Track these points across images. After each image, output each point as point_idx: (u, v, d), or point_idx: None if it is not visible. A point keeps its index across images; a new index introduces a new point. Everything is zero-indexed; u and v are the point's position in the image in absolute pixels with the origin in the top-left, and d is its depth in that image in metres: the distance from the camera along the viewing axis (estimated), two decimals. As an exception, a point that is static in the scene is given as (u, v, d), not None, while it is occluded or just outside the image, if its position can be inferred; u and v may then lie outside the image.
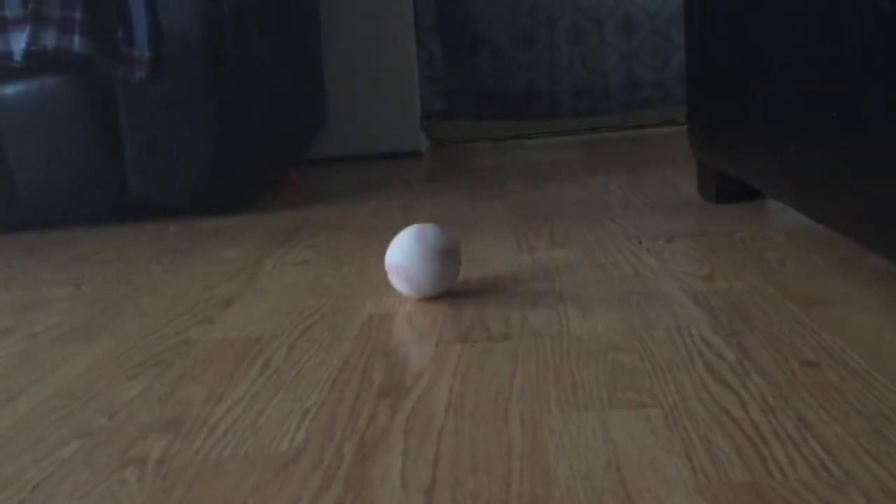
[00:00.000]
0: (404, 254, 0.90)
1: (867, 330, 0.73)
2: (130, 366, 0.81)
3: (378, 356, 0.77)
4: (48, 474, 0.60)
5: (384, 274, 0.93)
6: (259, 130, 1.61)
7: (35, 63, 1.41)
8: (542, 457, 0.56)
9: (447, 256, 0.90)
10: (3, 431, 0.68)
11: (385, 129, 2.18)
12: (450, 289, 0.93)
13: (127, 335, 0.90)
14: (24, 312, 1.04)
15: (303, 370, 0.75)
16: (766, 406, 0.60)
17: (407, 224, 0.93)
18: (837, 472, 0.51)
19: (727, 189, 1.27)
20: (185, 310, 0.98)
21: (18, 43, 1.39)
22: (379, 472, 0.56)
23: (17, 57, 1.40)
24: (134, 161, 1.48)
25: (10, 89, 1.46)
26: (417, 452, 0.58)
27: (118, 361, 0.82)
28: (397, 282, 0.92)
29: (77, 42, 1.39)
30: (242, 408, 0.68)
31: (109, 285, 1.13)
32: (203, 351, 0.83)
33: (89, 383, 0.77)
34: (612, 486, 0.51)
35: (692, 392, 0.64)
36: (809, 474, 0.51)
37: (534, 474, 0.54)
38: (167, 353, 0.84)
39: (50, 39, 1.39)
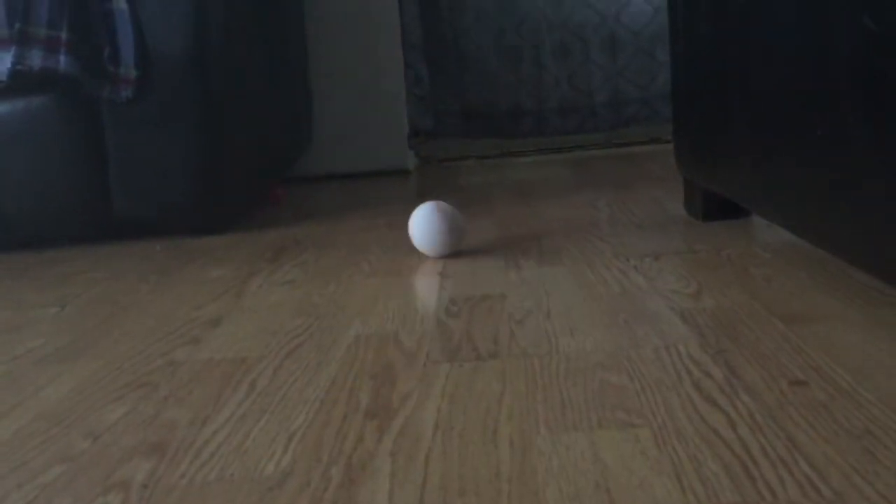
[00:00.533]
0: (424, 219, 1.16)
1: (854, 347, 0.73)
2: (115, 387, 0.80)
3: (365, 377, 0.77)
4: (30, 500, 0.59)
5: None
6: (246, 149, 1.60)
7: (21, 82, 1.40)
8: (530, 479, 0.55)
9: (455, 221, 1.16)
10: (-16, 456, 0.67)
11: (372, 147, 2.18)
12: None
13: (112, 356, 0.90)
14: (6, 334, 1.03)
15: (289, 391, 0.75)
16: (755, 425, 0.60)
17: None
18: (827, 492, 0.51)
19: (714, 206, 1.27)
20: (171, 330, 0.97)
21: (4, 63, 1.39)
22: (366, 496, 0.55)
23: (3, 77, 1.39)
24: (120, 180, 1.47)
25: (-4, 108, 1.45)
26: (405, 475, 0.57)
27: (102, 383, 0.81)
28: (418, 242, 1.17)
29: (63, 61, 1.39)
30: (228, 430, 0.68)
31: (94, 305, 1.12)
32: (189, 372, 0.82)
33: (73, 406, 0.76)
34: (602, 508, 0.51)
35: (681, 411, 0.63)
36: (799, 494, 0.51)
37: (523, 497, 0.53)
38: (153, 374, 0.83)
39: (36, 59, 1.38)
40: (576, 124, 2.31)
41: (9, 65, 1.38)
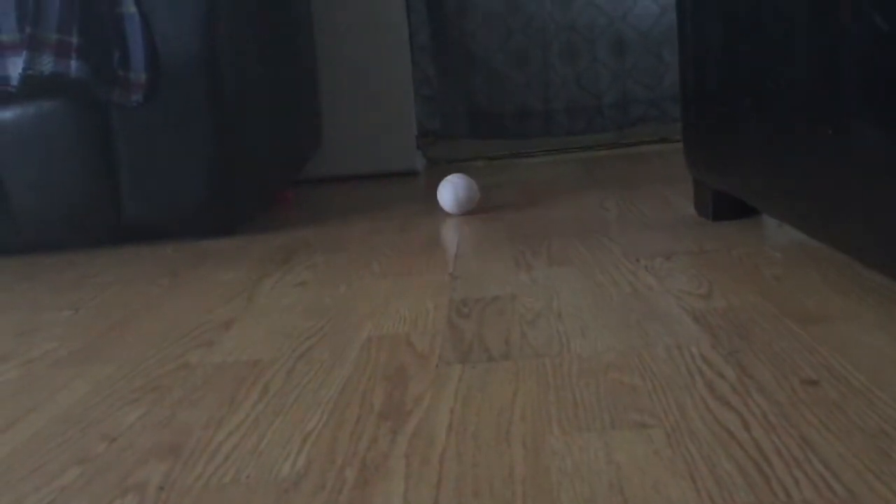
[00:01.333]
0: (450, 184, 1.54)
1: (866, 346, 0.73)
2: (129, 390, 0.80)
3: (378, 378, 0.77)
4: (48, 502, 0.60)
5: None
6: (256, 152, 1.61)
7: (32, 87, 1.41)
8: (544, 479, 0.56)
9: (472, 187, 1.55)
10: (1, 459, 0.68)
11: (381, 148, 2.18)
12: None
13: (125, 359, 0.90)
14: (21, 337, 1.03)
15: (302, 393, 0.75)
16: (768, 425, 0.60)
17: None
18: (841, 491, 0.51)
19: (723, 206, 1.27)
20: (183, 333, 0.98)
21: (15, 67, 1.40)
22: (381, 497, 0.56)
23: (14, 81, 1.40)
24: (131, 184, 1.48)
25: (7, 113, 1.46)
26: (419, 476, 0.58)
27: (117, 386, 0.82)
28: (444, 201, 1.54)
29: (74, 66, 1.40)
30: (243, 432, 0.68)
31: (107, 309, 1.13)
32: (202, 375, 0.83)
33: (88, 409, 0.77)
34: (616, 508, 0.51)
35: (694, 411, 0.64)
36: (813, 494, 0.51)
37: (537, 498, 0.53)
38: (166, 377, 0.83)
39: (47, 64, 1.39)
40: (583, 125, 2.31)
41: (20, 70, 1.39)
